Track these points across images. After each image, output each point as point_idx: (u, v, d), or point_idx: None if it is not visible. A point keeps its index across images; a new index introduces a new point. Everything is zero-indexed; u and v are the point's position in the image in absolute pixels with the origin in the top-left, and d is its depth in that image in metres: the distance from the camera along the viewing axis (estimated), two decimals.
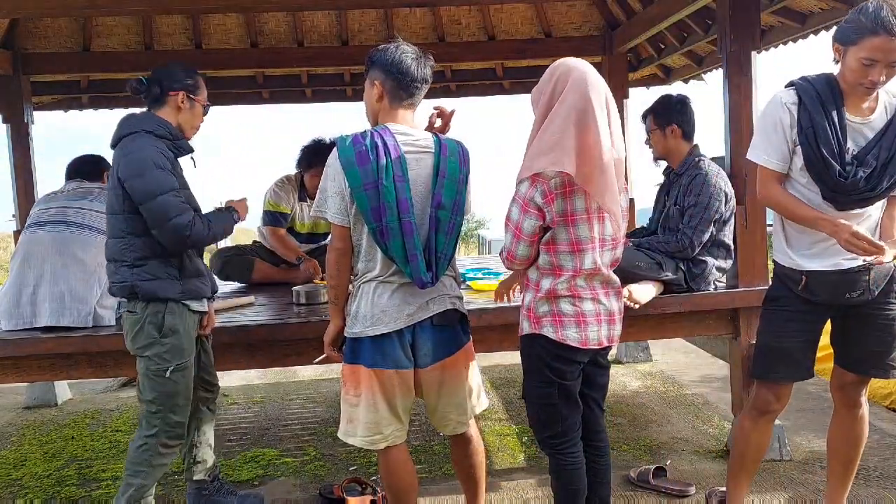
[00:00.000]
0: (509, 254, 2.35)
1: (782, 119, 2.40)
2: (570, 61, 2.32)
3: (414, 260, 2.30)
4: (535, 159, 2.24)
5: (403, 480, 2.49)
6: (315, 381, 5.45)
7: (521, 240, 2.31)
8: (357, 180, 2.28)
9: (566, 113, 2.21)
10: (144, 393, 2.63)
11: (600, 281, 2.36)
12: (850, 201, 2.36)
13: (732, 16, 3.45)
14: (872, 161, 2.32)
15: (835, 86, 2.37)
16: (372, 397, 2.39)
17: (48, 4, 3.70)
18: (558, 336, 2.32)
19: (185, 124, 2.70)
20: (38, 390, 5.06)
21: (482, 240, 18.63)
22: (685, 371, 5.27)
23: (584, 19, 5.41)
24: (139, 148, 2.52)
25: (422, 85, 2.42)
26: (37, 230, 3.21)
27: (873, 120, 2.38)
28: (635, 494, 3.23)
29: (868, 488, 3.18)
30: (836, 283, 2.43)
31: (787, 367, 2.56)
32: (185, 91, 2.66)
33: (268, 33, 5.33)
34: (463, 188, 2.41)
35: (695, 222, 3.23)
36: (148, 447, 2.62)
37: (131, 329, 2.60)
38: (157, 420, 2.61)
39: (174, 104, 2.66)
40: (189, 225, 2.52)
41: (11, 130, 5.00)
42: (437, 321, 2.41)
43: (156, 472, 2.65)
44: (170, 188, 2.51)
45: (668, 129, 3.37)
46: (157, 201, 2.49)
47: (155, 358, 2.58)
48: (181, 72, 2.69)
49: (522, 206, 2.28)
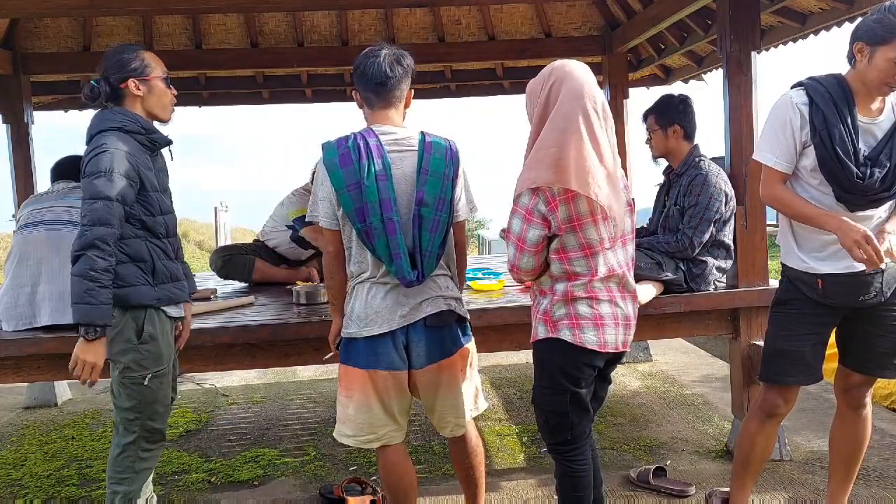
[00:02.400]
0: (513, 266, 2.31)
1: (791, 120, 2.39)
2: (566, 66, 2.27)
3: (398, 259, 2.30)
4: (535, 173, 2.21)
5: (403, 480, 2.49)
6: (315, 381, 5.45)
7: (525, 251, 2.26)
8: (340, 182, 2.30)
9: (563, 125, 2.19)
10: (120, 401, 2.50)
11: (617, 283, 2.33)
12: (863, 202, 2.36)
13: (732, 16, 3.45)
14: (886, 161, 2.32)
15: (846, 86, 2.36)
16: (365, 398, 2.40)
17: (48, 4, 3.70)
18: (577, 339, 2.27)
19: (154, 108, 2.53)
20: (38, 390, 5.05)
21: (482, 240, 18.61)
22: (685, 371, 5.27)
23: (584, 19, 5.41)
24: (104, 149, 2.36)
25: (386, 83, 2.38)
26: (31, 231, 3.17)
27: (882, 120, 2.38)
28: (635, 494, 3.23)
29: (868, 488, 3.17)
30: (849, 285, 2.42)
31: (800, 370, 2.55)
32: (135, 77, 2.47)
33: (268, 33, 5.33)
34: (448, 184, 2.39)
35: (695, 222, 3.23)
36: (128, 454, 2.51)
37: (110, 332, 2.48)
38: (135, 427, 2.50)
39: (130, 94, 2.48)
40: (94, 244, 2.31)
41: (11, 130, 5.00)
42: (430, 322, 2.40)
43: (140, 477, 2.55)
44: (103, 196, 2.32)
45: (669, 130, 3.37)
46: (88, 203, 2.33)
47: (132, 364, 2.46)
48: (124, 58, 2.48)
49: (525, 217, 2.23)
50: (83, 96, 2.49)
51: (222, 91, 6.06)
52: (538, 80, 2.30)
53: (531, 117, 2.31)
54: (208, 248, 15.53)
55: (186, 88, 5.43)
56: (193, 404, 4.93)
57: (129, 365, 2.47)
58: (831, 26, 4.10)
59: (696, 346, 5.91)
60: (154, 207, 2.49)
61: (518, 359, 5.61)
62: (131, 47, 2.55)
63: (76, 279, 2.34)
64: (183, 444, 4.15)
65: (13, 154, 5.02)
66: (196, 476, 3.66)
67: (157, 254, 2.49)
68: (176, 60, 4.95)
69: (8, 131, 5.01)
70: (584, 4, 5.34)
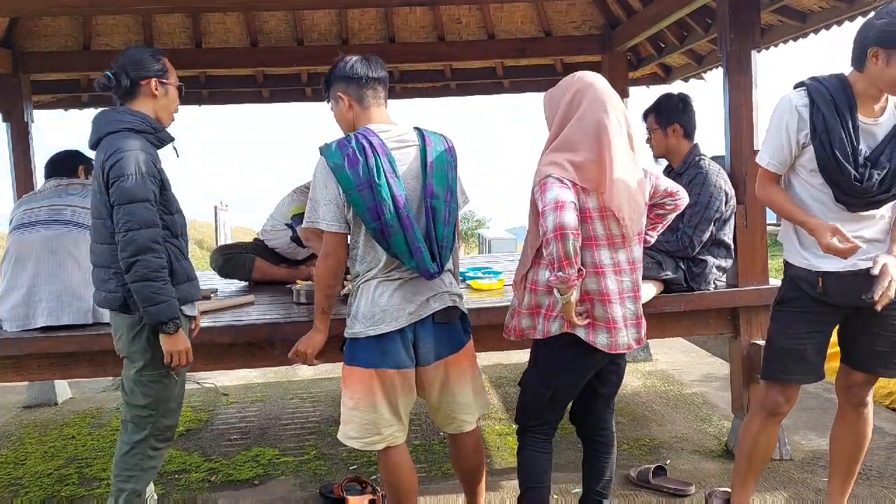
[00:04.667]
0: (559, 228, 2.12)
1: (789, 123, 2.40)
2: (587, 76, 2.38)
3: (418, 253, 2.30)
4: (561, 167, 2.28)
5: (403, 480, 2.49)
6: (315, 381, 5.45)
7: (566, 208, 2.16)
8: (350, 183, 2.29)
9: (586, 130, 2.29)
10: (134, 398, 2.50)
11: (628, 283, 2.37)
12: (862, 203, 2.36)
13: (732, 14, 3.44)
14: (886, 163, 2.32)
15: (847, 88, 2.36)
16: (372, 398, 2.39)
17: (48, 3, 3.70)
18: (589, 339, 2.34)
19: (163, 111, 2.55)
20: (38, 390, 5.06)
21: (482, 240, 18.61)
22: (685, 370, 5.27)
23: (584, 18, 5.40)
24: (127, 150, 2.35)
25: (381, 78, 2.48)
26: (26, 231, 3.15)
27: (884, 121, 2.38)
28: (635, 494, 3.23)
29: (868, 488, 3.17)
30: (851, 284, 2.42)
31: (802, 368, 2.56)
32: (157, 77, 2.51)
33: (268, 32, 5.32)
34: (453, 175, 2.43)
35: (695, 221, 3.23)
36: (137, 451, 2.51)
37: (128, 332, 2.47)
38: (147, 424, 2.51)
39: (148, 93, 2.50)
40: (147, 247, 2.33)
41: (11, 129, 5.00)
42: (438, 318, 2.41)
43: (147, 475, 2.56)
44: (140, 198, 2.33)
45: (669, 129, 3.37)
46: (127, 208, 2.32)
47: (153, 363, 2.47)
48: (148, 58, 2.51)
49: (557, 185, 2.22)
50: (97, 85, 2.50)
51: (222, 90, 6.05)
52: (562, 86, 2.41)
53: (550, 122, 2.41)
54: (208, 247, 15.54)
55: (186, 87, 5.41)
56: (194, 403, 4.93)
57: (148, 363, 2.48)
58: (831, 25, 4.10)
59: (696, 346, 5.91)
60: (172, 206, 2.50)
61: (518, 358, 5.60)
62: (155, 50, 2.61)
63: (139, 284, 2.34)
64: (183, 443, 4.15)
65: (13, 153, 5.03)
66: (196, 475, 3.66)
67: (175, 254, 2.50)
68: (176, 59, 4.86)
69: (8, 130, 5.01)
70: (584, 3, 5.34)
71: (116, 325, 2.52)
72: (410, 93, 6.39)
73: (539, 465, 2.53)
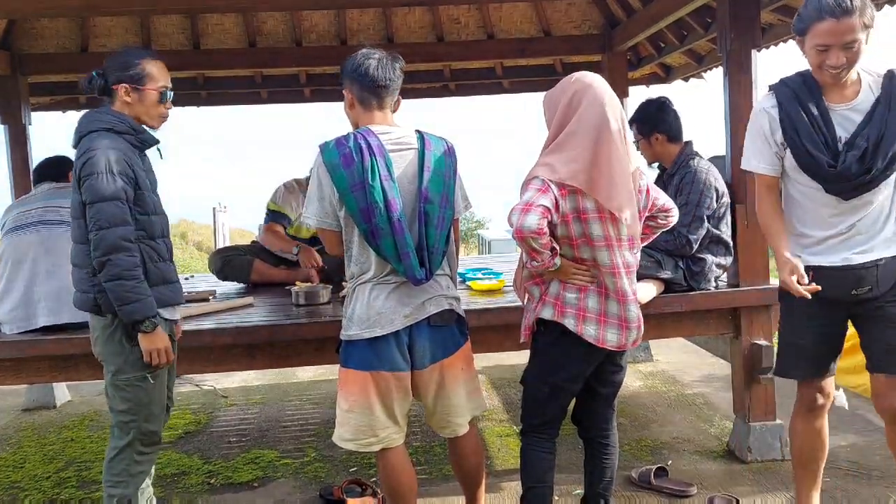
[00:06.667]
0: (518, 231, 2.22)
1: (762, 126, 2.46)
2: (587, 77, 2.39)
3: (406, 258, 2.29)
4: (551, 169, 2.29)
5: (402, 482, 2.48)
6: (314, 383, 5.43)
7: (531, 212, 2.21)
8: (344, 182, 2.28)
9: (585, 131, 2.29)
10: (115, 402, 2.48)
11: (625, 282, 2.38)
12: (848, 189, 2.35)
13: (732, 14, 3.44)
14: (862, 143, 2.32)
15: (809, 79, 2.40)
16: (367, 400, 2.38)
17: (46, 5, 3.70)
18: (578, 330, 2.37)
19: (142, 116, 2.50)
20: (37, 392, 5.04)
21: (482, 240, 18.62)
22: (686, 371, 5.25)
23: (584, 18, 5.39)
24: (97, 148, 2.35)
25: (388, 86, 2.44)
26: (21, 233, 3.14)
27: (859, 103, 2.37)
28: (636, 495, 3.22)
29: (869, 488, 3.16)
30: (842, 278, 2.42)
31: (804, 363, 2.56)
32: (128, 83, 2.45)
33: (266, 33, 5.31)
34: (451, 181, 2.42)
35: (687, 220, 3.24)
36: (124, 456, 2.49)
37: (102, 333, 2.45)
38: (130, 429, 2.48)
39: (120, 98, 2.47)
40: (118, 245, 2.31)
41: (9, 131, 4.98)
42: (433, 321, 2.41)
43: (137, 480, 2.53)
44: (110, 196, 2.31)
45: (651, 138, 3.43)
46: (98, 206, 2.31)
47: (125, 366, 2.44)
48: (123, 62, 2.47)
49: (535, 188, 2.27)
50: (80, 84, 2.51)
51: (221, 91, 6.04)
52: (561, 86, 2.42)
53: (549, 122, 2.42)
54: (207, 249, 15.52)
55: (184, 88, 5.42)
56: (193, 406, 4.92)
57: (122, 367, 2.45)
58: None
59: (696, 346, 5.89)
60: (148, 207, 2.47)
61: (518, 359, 5.58)
62: (139, 54, 2.55)
63: (112, 283, 2.33)
64: (182, 445, 4.14)
65: (11, 155, 5.00)
66: (195, 478, 3.65)
67: (150, 255, 2.46)
68: (174, 60, 4.90)
69: (6, 132, 4.99)
70: (584, 3, 5.33)
71: (92, 327, 2.51)
72: (409, 93, 6.38)
73: (541, 466, 2.54)
